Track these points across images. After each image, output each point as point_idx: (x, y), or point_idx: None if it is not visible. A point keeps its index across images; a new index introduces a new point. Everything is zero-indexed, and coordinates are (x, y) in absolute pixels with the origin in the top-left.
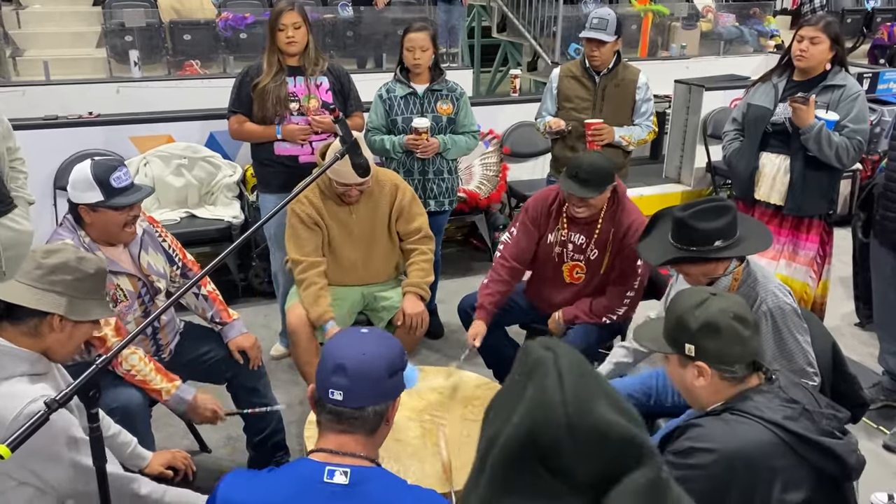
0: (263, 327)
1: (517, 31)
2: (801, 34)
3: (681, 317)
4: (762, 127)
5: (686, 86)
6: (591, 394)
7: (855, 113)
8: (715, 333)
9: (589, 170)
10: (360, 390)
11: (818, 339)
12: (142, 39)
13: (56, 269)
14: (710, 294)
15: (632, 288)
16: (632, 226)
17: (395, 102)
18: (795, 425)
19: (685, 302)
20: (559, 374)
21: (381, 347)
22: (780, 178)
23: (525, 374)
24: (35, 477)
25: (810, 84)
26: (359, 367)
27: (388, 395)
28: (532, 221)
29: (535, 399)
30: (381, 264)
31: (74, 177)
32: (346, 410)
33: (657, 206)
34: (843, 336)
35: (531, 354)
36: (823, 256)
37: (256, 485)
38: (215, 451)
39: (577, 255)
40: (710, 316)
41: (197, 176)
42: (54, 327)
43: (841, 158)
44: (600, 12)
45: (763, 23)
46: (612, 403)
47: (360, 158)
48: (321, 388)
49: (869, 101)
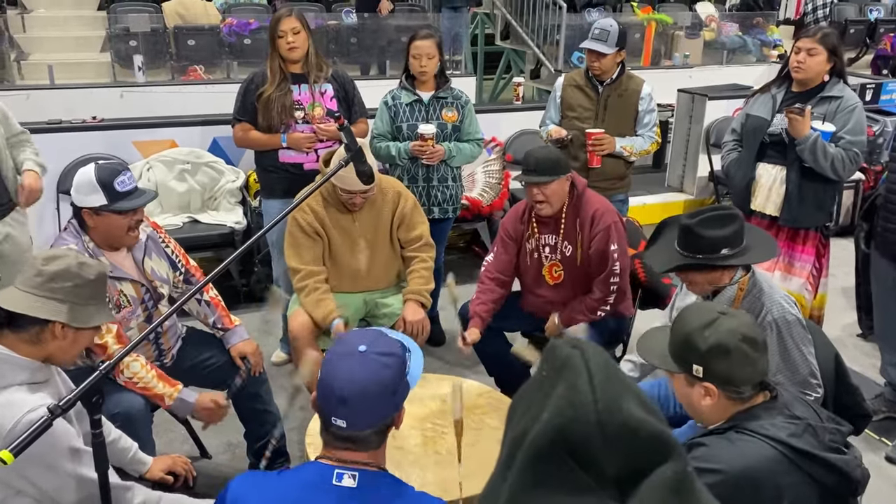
0: (265, 333)
1: (520, 38)
2: (798, 46)
3: (689, 336)
4: (759, 137)
5: (689, 95)
6: (620, 392)
7: (852, 124)
8: (724, 356)
9: (539, 158)
10: (363, 417)
11: (821, 349)
12: (146, 44)
13: (57, 276)
14: (718, 313)
15: (612, 274)
16: (595, 213)
17: (401, 109)
18: (800, 442)
19: (693, 321)
20: (589, 373)
21: (381, 371)
22: (777, 188)
23: (554, 372)
24: (32, 486)
25: (808, 95)
26: (361, 398)
27: (392, 410)
28: (508, 236)
29: (566, 397)
30: (382, 271)
31: (78, 180)
32: (351, 434)
33: (660, 216)
34: (846, 347)
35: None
36: (820, 269)
37: (266, 486)
38: (216, 457)
39: (552, 255)
40: (720, 338)
41: (200, 181)
42: (56, 335)
43: (837, 170)
44: (602, 23)
45: (766, 32)
46: (640, 402)
47: (365, 166)
48: (324, 414)
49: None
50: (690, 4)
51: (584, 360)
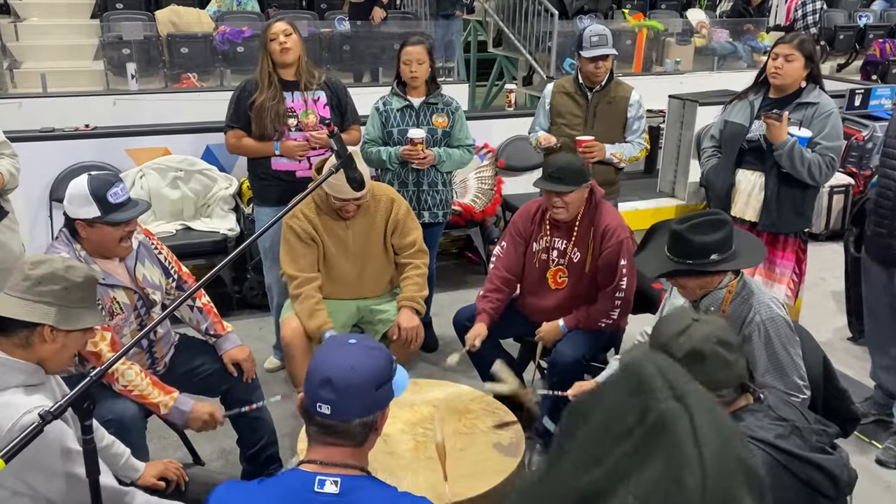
0: (258, 340)
1: (513, 45)
2: (775, 52)
3: (665, 345)
4: (738, 144)
5: (680, 101)
6: (734, 477)
7: (828, 130)
8: (700, 361)
9: (564, 167)
10: (347, 404)
11: (809, 353)
12: (139, 52)
13: (44, 279)
14: (692, 319)
15: (619, 288)
16: (609, 226)
17: (392, 115)
18: (786, 443)
19: (668, 330)
20: (698, 449)
21: (368, 359)
22: (755, 194)
23: (648, 434)
24: (29, 488)
25: (785, 101)
26: (346, 380)
27: (375, 407)
28: (518, 233)
29: (664, 486)
30: (375, 278)
31: (71, 192)
32: (334, 423)
33: (651, 221)
34: (836, 350)
35: (653, 405)
36: (800, 275)
37: (247, 495)
38: (208, 464)
39: (560, 259)
40: (694, 344)
41: (193, 188)
42: (46, 338)
43: (813, 175)
44: (596, 29)
45: (756, 38)
46: (751, 483)
47: (355, 172)
48: (309, 401)
49: (861, 116)
50: (681, 11)
51: (692, 424)
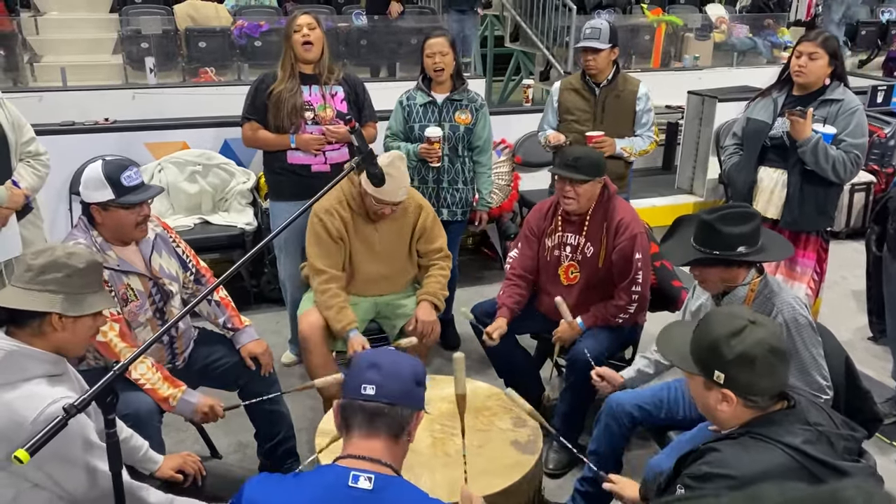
0: (275, 334)
1: (530, 40)
2: (799, 49)
3: (715, 342)
4: (760, 141)
5: (699, 97)
6: None
7: (852, 127)
8: (749, 366)
9: (581, 157)
10: (392, 385)
11: (832, 353)
12: (158, 46)
13: (45, 268)
14: (748, 321)
15: (635, 282)
16: (623, 220)
17: (414, 110)
18: (814, 449)
19: (721, 328)
20: None
21: (408, 358)
22: (778, 192)
23: None
24: (50, 480)
25: (809, 99)
26: (392, 366)
27: (414, 401)
28: (532, 232)
29: None
30: (397, 279)
31: (86, 176)
32: (377, 406)
33: (669, 217)
34: (857, 350)
35: None
36: (821, 274)
37: (282, 488)
38: (226, 458)
39: (572, 255)
40: (747, 348)
41: (211, 182)
42: (55, 326)
43: (838, 172)
44: (593, 23)
45: (777, 34)
46: None
47: (375, 168)
48: (352, 388)
49: (884, 113)
50: (700, 6)
51: None
